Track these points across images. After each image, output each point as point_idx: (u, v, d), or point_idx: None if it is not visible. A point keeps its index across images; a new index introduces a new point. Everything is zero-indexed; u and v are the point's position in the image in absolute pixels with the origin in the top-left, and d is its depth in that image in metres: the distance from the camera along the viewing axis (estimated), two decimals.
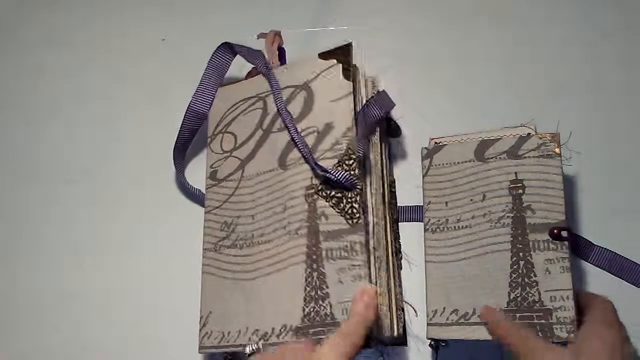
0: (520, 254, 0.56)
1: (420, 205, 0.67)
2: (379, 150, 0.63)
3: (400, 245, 0.64)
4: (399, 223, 0.66)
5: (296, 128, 0.61)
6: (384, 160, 0.64)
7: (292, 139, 0.61)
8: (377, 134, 0.63)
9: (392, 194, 0.66)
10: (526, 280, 0.56)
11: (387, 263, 0.59)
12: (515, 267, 0.57)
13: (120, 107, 0.76)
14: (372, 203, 0.59)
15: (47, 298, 0.69)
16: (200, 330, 0.62)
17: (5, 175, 0.74)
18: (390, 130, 0.68)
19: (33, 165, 0.74)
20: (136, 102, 0.76)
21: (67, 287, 0.69)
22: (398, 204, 0.67)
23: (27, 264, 0.70)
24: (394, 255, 0.63)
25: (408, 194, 0.67)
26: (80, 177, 0.73)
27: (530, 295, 0.56)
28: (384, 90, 0.62)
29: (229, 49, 0.69)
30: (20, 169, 0.74)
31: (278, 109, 0.63)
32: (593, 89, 0.72)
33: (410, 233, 0.65)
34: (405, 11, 0.78)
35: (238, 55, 0.69)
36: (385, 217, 0.61)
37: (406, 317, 0.60)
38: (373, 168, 0.61)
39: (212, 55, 0.68)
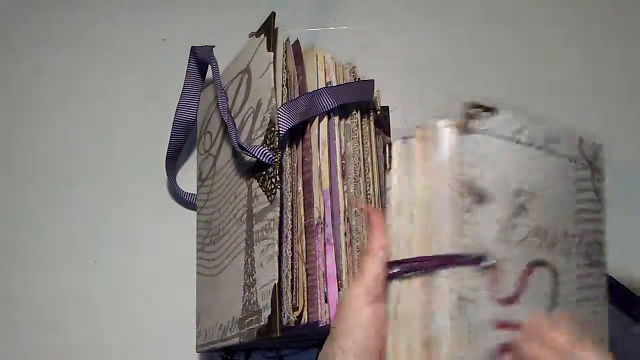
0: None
1: None
2: (370, 140, 0.60)
3: None
4: None
5: (228, 111, 0.58)
6: (377, 153, 0.62)
7: (224, 122, 0.58)
8: (357, 120, 0.59)
9: None
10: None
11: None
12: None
13: (120, 107, 0.75)
14: (288, 176, 0.54)
15: (47, 298, 0.69)
16: (196, 329, 0.62)
17: (4, 176, 0.73)
18: (376, 121, 0.64)
19: (32, 166, 0.74)
20: (136, 102, 0.75)
21: (66, 287, 0.69)
22: None
23: (26, 264, 0.70)
24: None
25: None
26: (80, 177, 0.73)
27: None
28: (362, 81, 0.60)
29: (192, 54, 0.68)
30: (20, 169, 0.74)
31: (217, 96, 0.61)
32: (593, 89, 0.72)
33: None
34: (405, 11, 0.78)
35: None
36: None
37: None
38: (319, 146, 0.56)
39: (188, 63, 0.69)
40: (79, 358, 0.67)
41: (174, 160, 0.71)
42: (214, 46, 0.65)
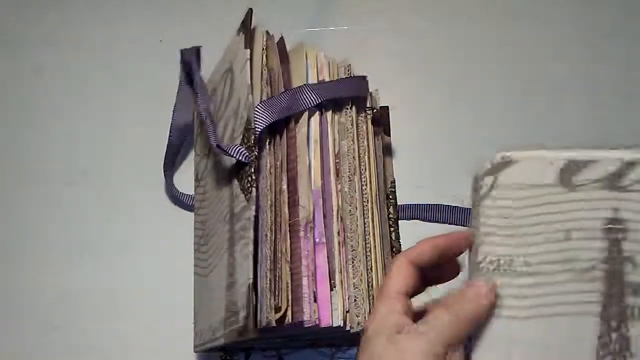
0: (613, 322, 0.40)
1: (420, 204, 0.67)
2: (367, 139, 0.60)
3: (400, 245, 0.64)
4: (399, 221, 0.66)
5: (207, 111, 0.58)
6: (375, 152, 0.62)
7: (202, 121, 0.57)
8: (352, 118, 0.59)
9: (392, 193, 0.66)
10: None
11: (375, 260, 0.56)
12: (603, 340, 0.42)
13: (120, 107, 0.76)
14: (267, 174, 0.53)
15: (47, 298, 0.69)
16: (194, 329, 0.62)
17: (4, 175, 0.73)
18: (373, 119, 0.64)
19: (32, 166, 0.74)
20: (135, 102, 0.75)
21: (66, 287, 0.69)
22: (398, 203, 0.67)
23: (26, 264, 0.70)
24: (394, 255, 0.62)
25: (409, 194, 0.67)
26: (80, 177, 0.73)
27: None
28: (350, 77, 0.60)
29: (181, 57, 0.68)
30: (20, 169, 0.74)
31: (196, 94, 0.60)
32: (593, 89, 0.72)
33: (411, 233, 0.65)
34: (405, 11, 0.78)
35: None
36: (363, 208, 0.57)
37: None
38: (300, 143, 0.55)
39: (180, 66, 0.68)
40: (79, 358, 0.67)
41: (171, 162, 0.71)
42: (200, 46, 0.65)
